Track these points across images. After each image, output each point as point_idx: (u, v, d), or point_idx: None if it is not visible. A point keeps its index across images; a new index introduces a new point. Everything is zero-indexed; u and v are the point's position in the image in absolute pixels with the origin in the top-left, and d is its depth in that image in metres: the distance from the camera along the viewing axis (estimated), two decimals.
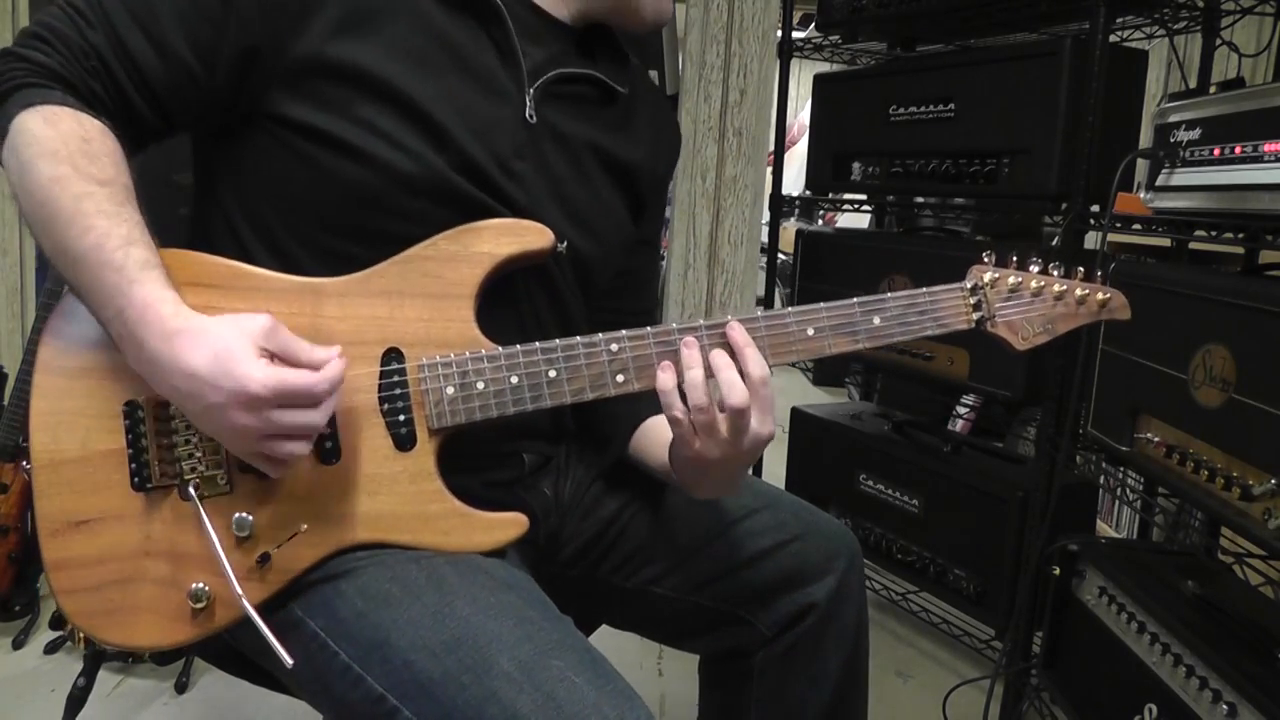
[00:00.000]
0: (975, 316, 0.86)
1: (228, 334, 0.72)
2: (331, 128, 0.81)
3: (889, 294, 0.85)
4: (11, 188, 0.76)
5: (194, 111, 0.83)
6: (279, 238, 0.84)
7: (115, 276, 0.73)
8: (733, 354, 0.80)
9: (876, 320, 0.84)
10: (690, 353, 0.80)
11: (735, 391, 0.78)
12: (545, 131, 0.91)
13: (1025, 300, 0.86)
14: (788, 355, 0.84)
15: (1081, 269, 0.88)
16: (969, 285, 0.86)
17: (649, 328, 0.82)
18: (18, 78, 0.76)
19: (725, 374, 0.79)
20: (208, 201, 0.89)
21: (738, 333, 0.81)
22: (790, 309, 0.83)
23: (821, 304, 0.84)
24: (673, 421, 0.80)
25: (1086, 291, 0.87)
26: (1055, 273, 0.87)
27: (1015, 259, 0.88)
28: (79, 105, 0.77)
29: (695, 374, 0.80)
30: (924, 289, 0.85)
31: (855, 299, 0.85)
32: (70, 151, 0.74)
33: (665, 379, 0.80)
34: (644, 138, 1.01)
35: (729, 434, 0.79)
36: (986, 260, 0.87)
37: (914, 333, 0.85)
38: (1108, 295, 0.87)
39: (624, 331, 0.82)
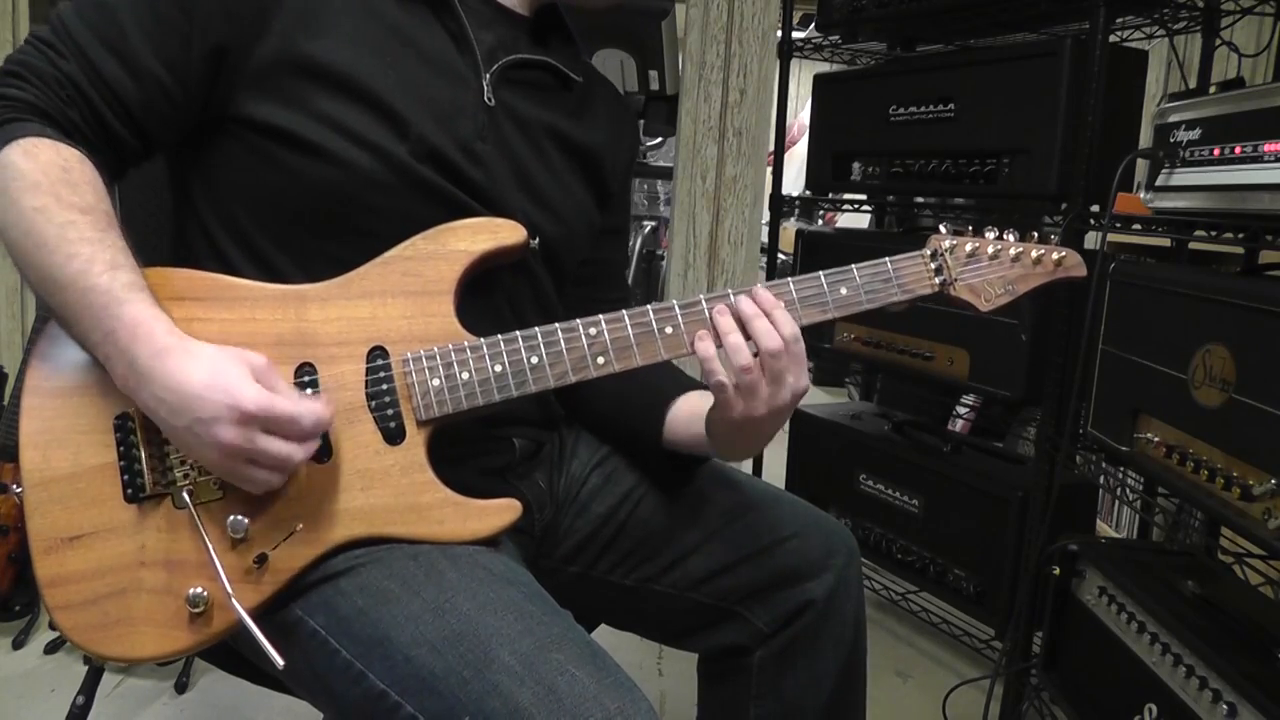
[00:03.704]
0: (937, 281, 0.90)
1: (225, 356, 0.74)
2: (294, 126, 0.82)
3: (854, 265, 0.88)
4: None
5: (171, 127, 0.85)
6: (255, 242, 0.86)
7: (103, 299, 0.73)
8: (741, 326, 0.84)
9: (844, 290, 0.88)
10: (724, 319, 0.83)
11: (770, 337, 0.81)
12: (504, 114, 0.93)
13: (983, 264, 0.91)
14: None
15: (1035, 234, 0.92)
16: (928, 252, 0.90)
17: (624, 310, 0.85)
18: None
19: (757, 323, 0.82)
20: (184, 212, 0.90)
21: (763, 297, 0.84)
22: (759, 285, 0.86)
23: (789, 278, 0.87)
24: (716, 388, 0.83)
25: (1041, 252, 0.91)
26: (1010, 237, 0.91)
27: (971, 228, 0.92)
28: (57, 135, 0.78)
29: (734, 338, 0.82)
30: (886, 258, 0.89)
31: (821, 271, 0.88)
32: (51, 182, 0.75)
33: (706, 347, 0.83)
34: (602, 124, 1.04)
35: (769, 390, 0.82)
36: (944, 230, 0.91)
37: (881, 300, 0.89)
38: (1062, 254, 0.91)
39: (600, 316, 0.84)
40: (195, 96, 0.83)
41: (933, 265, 0.90)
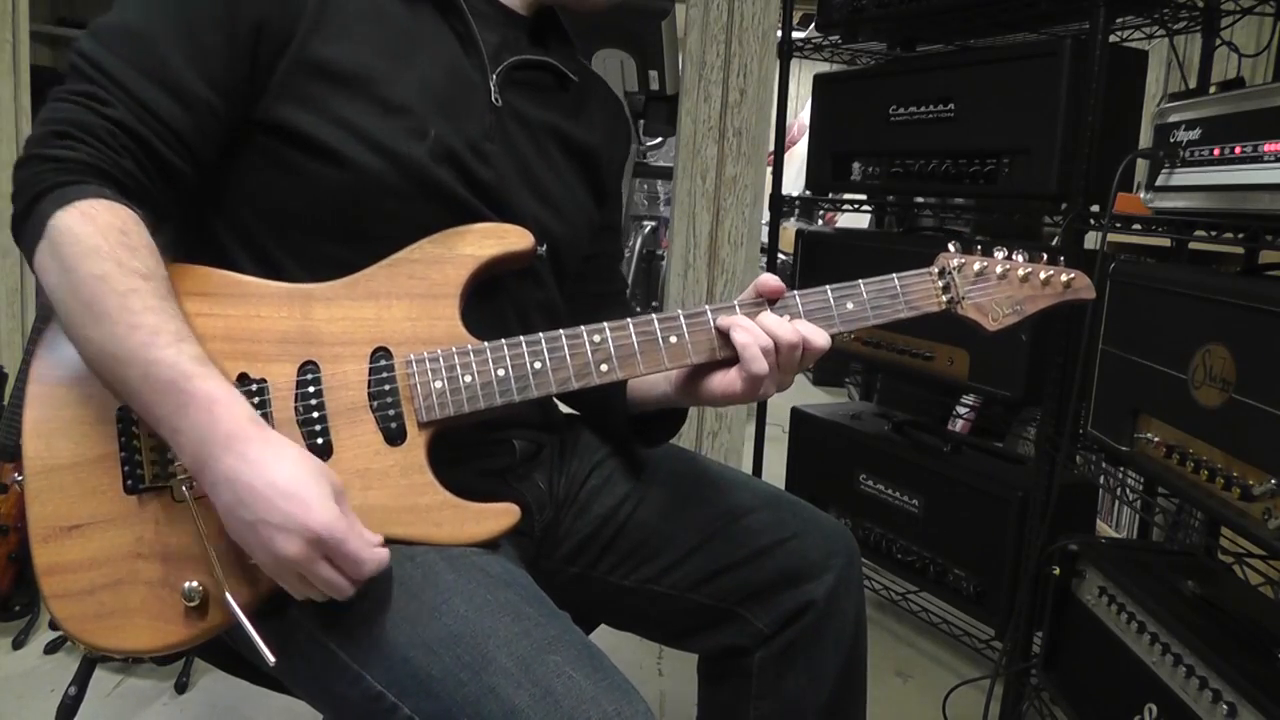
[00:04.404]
0: (945, 299, 0.90)
1: (311, 468, 0.72)
2: (311, 130, 0.82)
3: (861, 280, 0.88)
4: (49, 290, 0.74)
5: (216, 144, 0.83)
6: (264, 246, 0.86)
7: (170, 372, 0.71)
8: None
9: (850, 305, 0.88)
10: (747, 332, 0.84)
11: (786, 329, 0.84)
12: (510, 114, 0.93)
13: (991, 283, 0.90)
14: None
15: (1045, 254, 0.91)
16: (936, 270, 0.90)
17: (629, 319, 0.85)
18: (48, 179, 0.74)
19: (771, 325, 0.84)
20: (188, 214, 0.89)
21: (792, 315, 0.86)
22: (767, 310, 0.86)
23: (796, 291, 0.87)
24: (753, 377, 0.84)
25: (1050, 273, 0.90)
26: (1019, 257, 0.91)
27: (980, 247, 0.92)
28: (113, 194, 0.75)
29: (766, 342, 0.83)
30: (894, 274, 0.89)
31: (829, 285, 0.88)
32: (111, 246, 0.72)
33: (742, 336, 0.84)
34: (598, 124, 1.05)
35: (792, 368, 0.86)
36: (952, 249, 0.91)
37: (888, 316, 0.89)
38: (1071, 276, 0.91)
39: (605, 323, 0.85)
40: (237, 105, 0.82)
41: (940, 283, 0.90)
